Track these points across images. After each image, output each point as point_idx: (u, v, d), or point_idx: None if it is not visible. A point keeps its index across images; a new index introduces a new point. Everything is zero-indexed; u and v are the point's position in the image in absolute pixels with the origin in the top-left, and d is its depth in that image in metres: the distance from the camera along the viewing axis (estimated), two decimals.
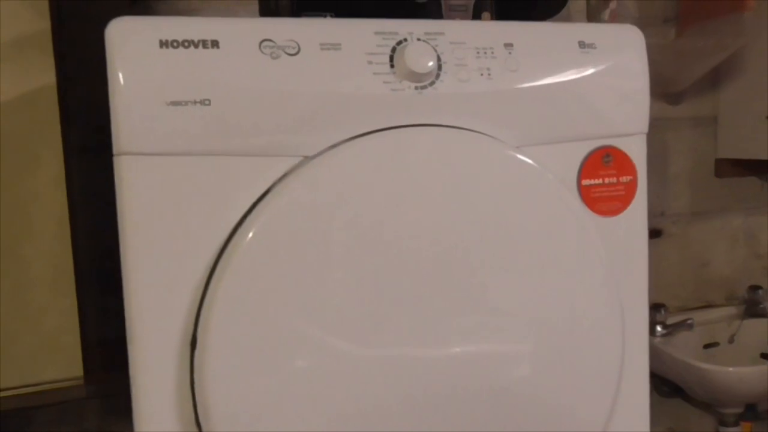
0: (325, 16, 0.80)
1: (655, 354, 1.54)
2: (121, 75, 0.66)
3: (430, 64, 0.74)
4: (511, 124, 0.79)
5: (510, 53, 0.78)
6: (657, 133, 1.59)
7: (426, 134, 0.75)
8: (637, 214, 0.86)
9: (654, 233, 1.64)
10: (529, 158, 0.79)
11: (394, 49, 0.74)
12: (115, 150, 0.68)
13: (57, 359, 0.96)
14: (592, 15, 1.37)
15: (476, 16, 0.89)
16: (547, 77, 0.79)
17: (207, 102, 0.68)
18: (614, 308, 0.83)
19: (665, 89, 1.56)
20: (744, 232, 1.70)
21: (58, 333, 0.96)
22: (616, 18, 1.34)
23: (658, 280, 1.66)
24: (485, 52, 0.77)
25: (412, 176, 0.75)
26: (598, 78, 0.82)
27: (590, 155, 0.83)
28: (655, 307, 1.57)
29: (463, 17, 0.88)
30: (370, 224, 0.73)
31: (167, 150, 0.68)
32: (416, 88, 0.75)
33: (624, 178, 0.85)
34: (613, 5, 1.35)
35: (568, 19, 1.37)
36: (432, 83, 0.75)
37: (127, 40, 0.67)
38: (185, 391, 0.70)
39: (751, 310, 1.65)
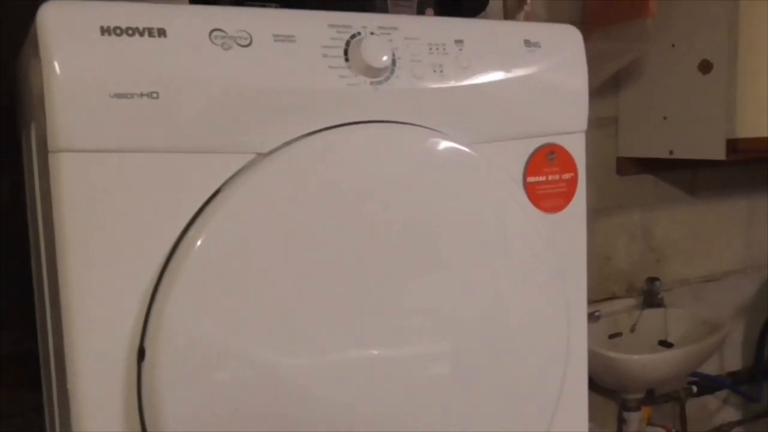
0: (270, 6, 0.76)
1: None
2: (57, 64, 0.60)
3: (386, 58, 0.73)
4: (462, 121, 0.78)
5: (461, 50, 0.78)
6: None
7: (381, 130, 0.73)
8: (577, 210, 0.87)
9: None
10: (481, 155, 0.79)
11: (348, 43, 0.72)
12: (50, 146, 0.61)
13: None
14: (509, 16, 1.40)
15: (420, 11, 0.88)
16: (496, 74, 0.79)
17: (155, 95, 0.63)
18: (560, 304, 0.84)
19: None
20: (641, 227, 1.79)
21: None
22: (531, 19, 1.37)
23: None
24: (437, 48, 0.76)
25: (370, 175, 0.73)
26: (542, 76, 0.83)
27: (536, 153, 0.84)
28: None
29: (409, 13, 0.87)
30: (326, 223, 0.71)
31: (111, 147, 0.62)
32: (372, 83, 0.72)
33: (566, 175, 0.86)
34: (527, 8, 1.38)
35: (486, 18, 1.39)
36: (387, 79, 0.73)
37: (64, 26, 0.61)
38: (132, 403, 0.65)
39: (649, 300, 1.75)
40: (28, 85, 0.71)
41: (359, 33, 0.73)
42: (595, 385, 1.71)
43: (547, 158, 0.84)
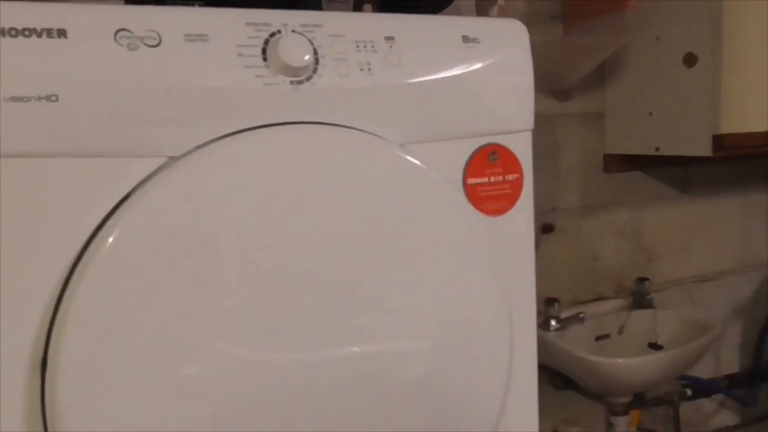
0: (192, 5, 0.74)
1: (548, 348, 1.56)
2: None
3: (307, 57, 0.70)
4: (394, 121, 0.75)
5: (391, 47, 0.75)
6: (548, 129, 1.62)
7: (302, 132, 0.71)
8: (523, 212, 0.84)
9: (546, 228, 1.66)
10: (414, 156, 0.76)
11: (267, 42, 0.69)
12: None
13: None
14: (481, 11, 1.36)
15: (357, 8, 0.86)
16: (430, 72, 0.76)
17: (54, 98, 0.61)
18: (501, 308, 0.81)
19: (554, 86, 1.58)
20: (630, 226, 1.75)
21: None
22: (504, 14, 1.34)
23: (551, 274, 1.68)
24: (365, 46, 0.73)
25: (288, 176, 0.70)
26: (482, 73, 0.79)
27: (476, 153, 0.80)
28: (548, 302, 1.59)
29: (344, 9, 0.84)
30: (243, 229, 0.68)
31: (8, 151, 0.60)
32: (292, 82, 0.70)
33: (510, 176, 0.83)
34: (501, 2, 1.34)
35: (456, 14, 1.36)
36: (309, 78, 0.71)
37: None
38: (35, 418, 0.63)
39: (638, 301, 1.70)
40: None
41: (279, 31, 0.70)
42: (581, 389, 1.67)
43: (488, 159, 0.81)
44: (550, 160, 1.62)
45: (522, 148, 0.84)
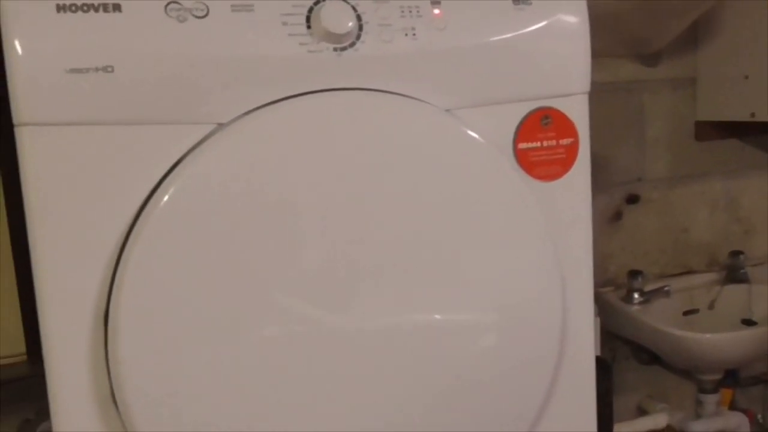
0: None
1: (631, 322, 1.52)
2: (17, 43, 0.63)
3: (350, 24, 0.71)
4: (439, 86, 0.75)
5: (437, 11, 0.75)
6: (633, 95, 1.56)
7: (346, 98, 0.72)
8: (579, 177, 0.82)
9: (631, 199, 1.60)
10: (460, 122, 0.76)
11: (311, 9, 0.71)
12: (15, 120, 0.65)
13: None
14: None
15: None
16: (478, 36, 0.76)
17: (110, 69, 0.65)
18: (553, 279, 0.80)
19: (639, 50, 1.52)
20: (724, 197, 1.66)
21: None
22: None
23: (636, 246, 1.63)
24: (410, 11, 0.74)
25: (334, 143, 0.72)
26: (533, 36, 0.78)
27: (527, 117, 0.79)
28: (631, 275, 1.54)
29: None
30: (290, 196, 0.71)
31: (70, 120, 0.65)
32: (335, 49, 0.71)
33: (564, 141, 0.81)
34: None
35: None
36: (353, 44, 0.72)
37: (22, 7, 0.64)
38: (101, 367, 0.69)
39: (732, 275, 1.62)
40: None
41: None
42: (668, 365, 1.62)
43: (540, 123, 0.80)
44: (635, 128, 1.56)
45: (578, 111, 0.82)
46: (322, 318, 0.73)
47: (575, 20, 0.80)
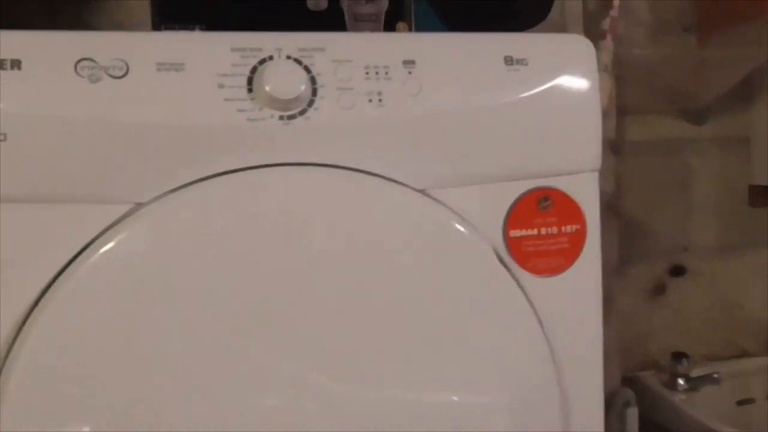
0: (193, 29, 0.65)
1: (676, 413, 1.34)
2: None
3: (302, 87, 0.59)
4: (410, 161, 0.62)
5: (410, 72, 0.62)
6: (677, 156, 1.40)
7: (292, 175, 0.60)
8: (586, 271, 0.68)
9: (676, 271, 1.43)
10: (435, 204, 0.62)
11: (254, 70, 0.59)
12: None
13: None
14: (591, 22, 1.19)
15: (390, 27, 0.73)
16: (458, 102, 0.63)
17: (1, 137, 0.55)
18: (549, 388, 0.65)
19: (686, 106, 1.36)
20: None
21: None
22: (616, 28, 1.15)
23: (682, 323, 1.45)
24: (377, 72, 0.61)
25: (275, 230, 0.59)
26: (529, 102, 0.64)
27: (521, 199, 0.65)
28: (676, 357, 1.36)
29: (374, 29, 0.72)
30: (220, 289, 0.58)
31: None
32: (281, 117, 0.59)
33: (568, 228, 0.67)
34: (614, 12, 1.16)
35: (563, 29, 1.20)
36: (303, 112, 0.60)
37: None
38: None
39: None
40: None
41: (271, 57, 0.60)
42: None
43: (537, 206, 0.66)
44: (680, 192, 1.40)
45: (585, 192, 0.67)
46: None
47: (583, 83, 0.66)
